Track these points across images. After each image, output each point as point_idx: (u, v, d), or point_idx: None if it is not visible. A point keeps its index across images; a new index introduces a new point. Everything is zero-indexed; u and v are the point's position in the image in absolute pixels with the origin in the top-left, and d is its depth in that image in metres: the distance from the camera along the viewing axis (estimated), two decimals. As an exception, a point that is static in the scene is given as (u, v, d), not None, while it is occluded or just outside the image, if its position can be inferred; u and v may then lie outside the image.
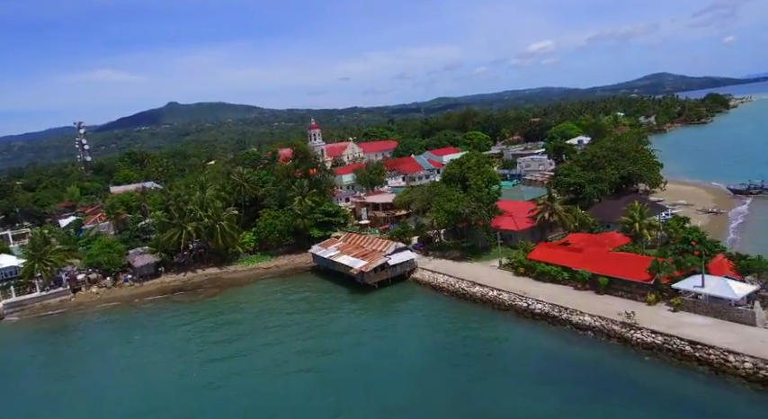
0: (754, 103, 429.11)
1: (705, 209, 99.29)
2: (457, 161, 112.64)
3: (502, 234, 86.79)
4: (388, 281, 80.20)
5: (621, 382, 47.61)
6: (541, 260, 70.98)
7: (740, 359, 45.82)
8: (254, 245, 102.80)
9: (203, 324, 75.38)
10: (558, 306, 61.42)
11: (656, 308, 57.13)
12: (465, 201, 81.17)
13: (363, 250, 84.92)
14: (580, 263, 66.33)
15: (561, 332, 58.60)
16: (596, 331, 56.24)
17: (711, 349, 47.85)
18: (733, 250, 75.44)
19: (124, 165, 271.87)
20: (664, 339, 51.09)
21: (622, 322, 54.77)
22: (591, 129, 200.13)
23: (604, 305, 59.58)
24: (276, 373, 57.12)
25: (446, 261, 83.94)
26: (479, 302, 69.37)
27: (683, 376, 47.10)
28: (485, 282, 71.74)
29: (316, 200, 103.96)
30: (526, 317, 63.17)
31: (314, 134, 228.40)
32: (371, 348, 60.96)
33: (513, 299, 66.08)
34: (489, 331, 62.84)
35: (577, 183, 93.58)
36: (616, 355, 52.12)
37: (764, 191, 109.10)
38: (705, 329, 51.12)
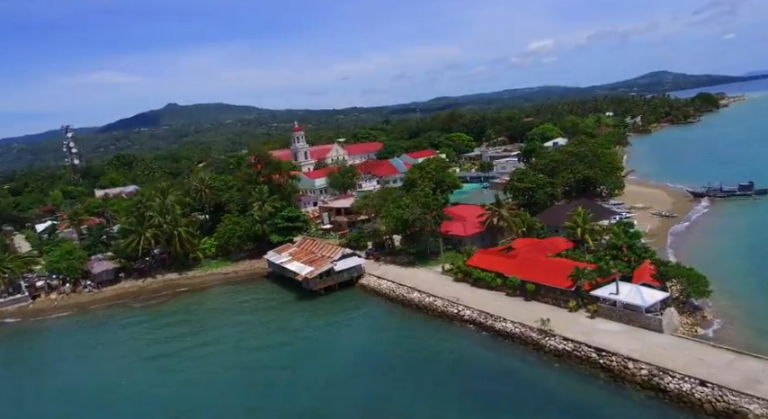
0: (746, 102, 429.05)
1: (659, 212, 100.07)
2: (418, 166, 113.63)
3: (451, 239, 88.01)
4: (335, 287, 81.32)
5: (525, 390, 48.53)
6: (478, 266, 72.00)
7: (638, 366, 46.81)
8: (214, 250, 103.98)
9: (150, 329, 77.11)
10: (484, 312, 62.45)
11: (576, 315, 58.13)
12: (410, 208, 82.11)
13: (313, 256, 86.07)
14: (511, 270, 67.34)
15: (485, 338, 59.67)
16: (516, 338, 57.28)
17: (614, 356, 48.85)
18: (668, 255, 76.92)
19: (112, 169, 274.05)
20: (574, 346, 52.11)
21: (539, 329, 55.80)
22: (568, 131, 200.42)
23: (528, 311, 60.59)
24: (205, 375, 59.34)
25: (394, 266, 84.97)
26: (416, 308, 70.48)
27: (586, 383, 48.10)
28: (423, 289, 72.80)
29: (276, 205, 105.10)
30: (456, 324, 64.22)
31: (297, 136, 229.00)
32: (301, 353, 62.38)
33: (445, 306, 67.14)
34: (418, 338, 63.83)
35: (529, 188, 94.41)
36: (528, 363, 53.15)
37: (722, 194, 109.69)
38: (615, 336, 52.10)
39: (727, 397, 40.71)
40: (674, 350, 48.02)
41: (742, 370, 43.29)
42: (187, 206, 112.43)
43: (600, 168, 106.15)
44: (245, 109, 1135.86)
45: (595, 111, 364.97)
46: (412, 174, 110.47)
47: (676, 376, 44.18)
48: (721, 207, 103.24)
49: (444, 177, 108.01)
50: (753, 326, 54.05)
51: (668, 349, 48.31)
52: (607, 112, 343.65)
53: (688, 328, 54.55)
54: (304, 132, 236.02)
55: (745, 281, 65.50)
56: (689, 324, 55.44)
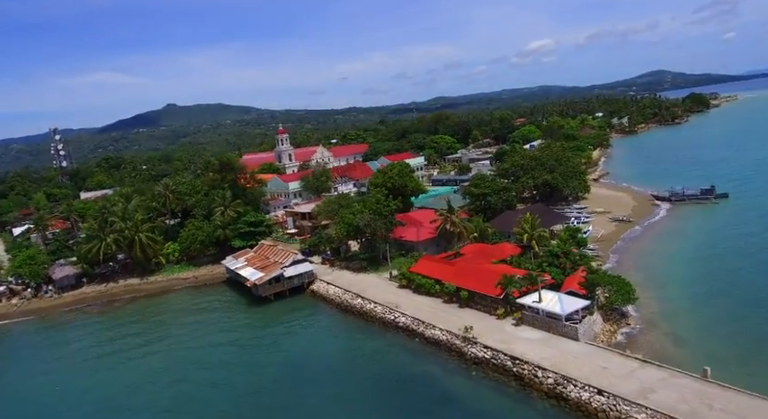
0: (738, 102, 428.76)
1: (616, 216, 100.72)
2: (380, 170, 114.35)
3: (405, 244, 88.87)
4: (286, 293, 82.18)
5: (434, 397, 49.27)
6: (420, 273, 72.81)
7: (546, 374, 47.57)
8: (178, 255, 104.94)
9: (101, 333, 78.54)
10: (417, 319, 63.22)
11: (502, 323, 58.91)
12: (362, 214, 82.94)
13: (267, 262, 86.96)
14: (448, 277, 68.13)
15: (415, 345, 60.40)
16: (442, 345, 58.05)
17: (526, 364, 49.62)
18: (611, 261, 77.72)
19: (101, 171, 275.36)
20: (492, 354, 52.88)
21: (463, 336, 56.60)
22: (546, 133, 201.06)
23: (459, 319, 61.30)
24: (139, 378, 61.26)
25: (347, 272, 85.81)
26: (358, 315, 71.29)
27: (497, 391, 48.85)
28: (367, 295, 73.59)
29: (239, 210, 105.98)
30: (392, 330, 65.04)
31: (282, 139, 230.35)
32: (231, 360, 63.28)
33: (384, 312, 67.96)
34: (352, 344, 64.81)
35: (484, 194, 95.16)
36: (448, 370, 53.91)
37: (685, 197, 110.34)
38: (532, 344, 52.88)
39: (619, 407, 41.47)
40: (584, 358, 48.78)
41: (641, 379, 44.04)
42: (154, 211, 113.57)
43: (560, 173, 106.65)
44: (245, 109, 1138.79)
45: (587, 111, 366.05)
46: (375, 179, 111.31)
47: (578, 384, 44.94)
48: (680, 211, 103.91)
49: (407, 182, 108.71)
50: (672, 334, 54.91)
51: (579, 357, 49.07)
52: (597, 113, 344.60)
53: (609, 335, 55.37)
54: (287, 135, 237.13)
55: (678, 287, 66.38)
56: (611, 331, 56.24)
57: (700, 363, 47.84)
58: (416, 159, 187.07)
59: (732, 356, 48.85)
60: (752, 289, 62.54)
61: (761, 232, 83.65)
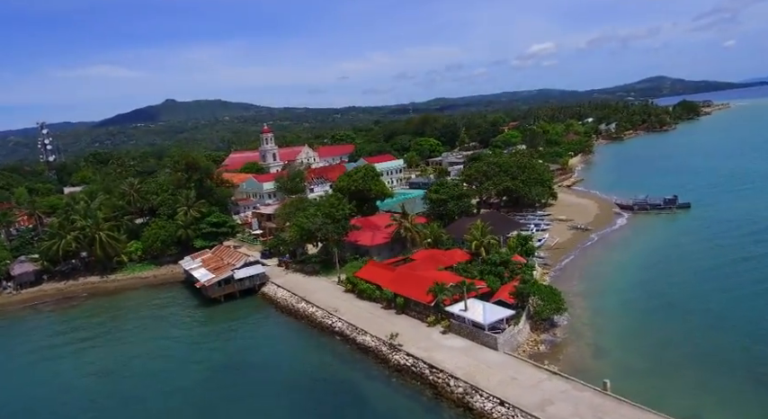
0: (731, 110, 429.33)
1: (576, 224, 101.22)
2: (347, 173, 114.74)
3: (359, 248, 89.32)
4: (236, 295, 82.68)
5: (351, 403, 49.81)
6: (363, 278, 73.31)
7: (457, 383, 48.07)
8: (140, 254, 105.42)
9: (49, 331, 79.09)
10: (352, 325, 63.73)
11: (431, 330, 59.41)
12: (312, 218, 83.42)
13: (220, 263, 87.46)
14: (388, 283, 68.62)
15: (346, 351, 60.89)
16: (370, 351, 58.53)
17: (441, 373, 50.11)
18: (556, 272, 78.23)
19: (88, 166, 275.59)
20: (413, 362, 53.36)
21: (389, 343, 57.08)
22: (526, 138, 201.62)
23: (392, 325, 61.73)
24: (67, 376, 62.34)
25: (299, 275, 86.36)
26: (301, 318, 71.80)
27: (411, 399, 49.29)
28: (311, 299, 74.09)
29: (203, 210, 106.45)
30: (328, 335, 65.50)
31: (266, 138, 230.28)
32: (169, 358, 64.23)
33: (323, 317, 68.45)
34: (286, 347, 65.31)
35: (442, 200, 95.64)
36: (370, 377, 54.33)
37: (648, 206, 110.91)
38: (453, 352, 53.39)
39: (517, 418, 41.99)
40: (498, 368, 49.29)
41: (545, 391, 44.55)
42: (121, 209, 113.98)
43: (522, 180, 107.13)
44: (244, 106, 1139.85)
45: (578, 116, 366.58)
46: (340, 182, 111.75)
47: (483, 394, 45.45)
48: (640, 220, 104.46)
49: (371, 185, 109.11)
50: (594, 344, 55.41)
51: (493, 367, 49.60)
52: (588, 118, 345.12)
53: (533, 345, 55.85)
54: (272, 134, 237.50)
55: (615, 298, 66.88)
56: (535, 341, 56.72)
57: (613, 375, 48.42)
58: (396, 162, 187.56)
59: (645, 369, 49.38)
60: (685, 304, 62.96)
61: (712, 244, 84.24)
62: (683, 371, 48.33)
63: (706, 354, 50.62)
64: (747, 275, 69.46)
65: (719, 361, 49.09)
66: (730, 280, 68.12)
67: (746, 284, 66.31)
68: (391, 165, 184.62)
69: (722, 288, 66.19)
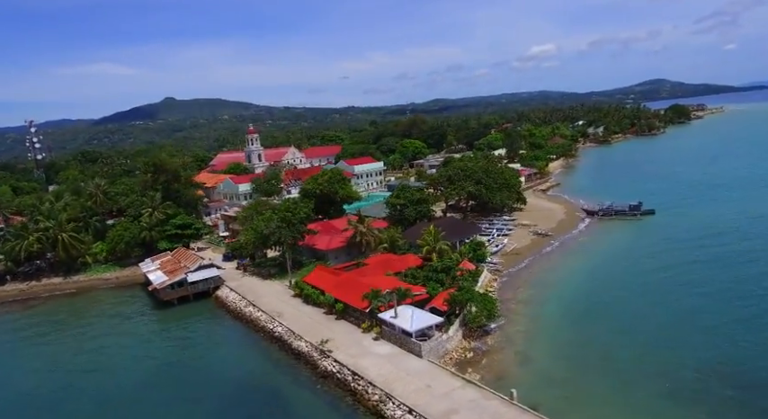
0: (724, 114, 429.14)
1: (537, 230, 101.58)
2: (313, 177, 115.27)
3: (317, 252, 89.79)
4: (190, 298, 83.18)
5: (272, 409, 50.30)
6: (310, 282, 73.80)
7: (375, 391, 48.46)
8: (105, 255, 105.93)
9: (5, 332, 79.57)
10: (290, 330, 64.17)
11: (363, 337, 59.81)
12: (267, 222, 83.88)
13: (177, 266, 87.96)
14: (331, 288, 69.10)
15: (282, 356, 61.27)
16: (303, 357, 58.94)
17: (362, 380, 50.50)
18: (506, 277, 78.61)
19: (76, 165, 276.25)
20: (339, 368, 53.76)
21: (320, 349, 57.54)
22: (508, 141, 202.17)
23: (329, 331, 62.21)
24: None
25: (255, 279, 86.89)
26: (248, 322, 72.18)
27: (331, 406, 49.57)
28: (259, 303, 74.50)
29: (168, 212, 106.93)
30: (268, 340, 65.93)
31: (252, 139, 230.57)
32: (106, 360, 64.96)
33: (266, 321, 68.89)
34: (227, 351, 65.64)
35: (400, 204, 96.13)
36: (298, 383, 54.62)
37: (613, 212, 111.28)
38: (378, 359, 53.80)
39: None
40: (417, 376, 49.69)
41: (454, 400, 44.94)
42: (89, 210, 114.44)
43: (486, 185, 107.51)
44: (243, 105, 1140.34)
45: (571, 119, 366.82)
46: (306, 185, 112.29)
47: (395, 402, 45.85)
48: (601, 226, 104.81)
49: (337, 189, 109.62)
50: (522, 353, 55.70)
51: (412, 374, 50.00)
52: (579, 121, 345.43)
53: (461, 353, 56.25)
54: (257, 135, 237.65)
55: (556, 306, 67.16)
56: (465, 348, 57.11)
57: (531, 384, 49.20)
58: (376, 164, 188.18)
59: (563, 378, 49.70)
60: (624, 314, 63.02)
61: (663, 251, 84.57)
62: (599, 383, 48.62)
63: (626, 367, 50.63)
64: (687, 287, 69.58)
65: (639, 374, 49.00)
66: (671, 293, 67.93)
67: (684, 297, 66.47)
68: (371, 168, 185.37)
69: (660, 299, 66.39)
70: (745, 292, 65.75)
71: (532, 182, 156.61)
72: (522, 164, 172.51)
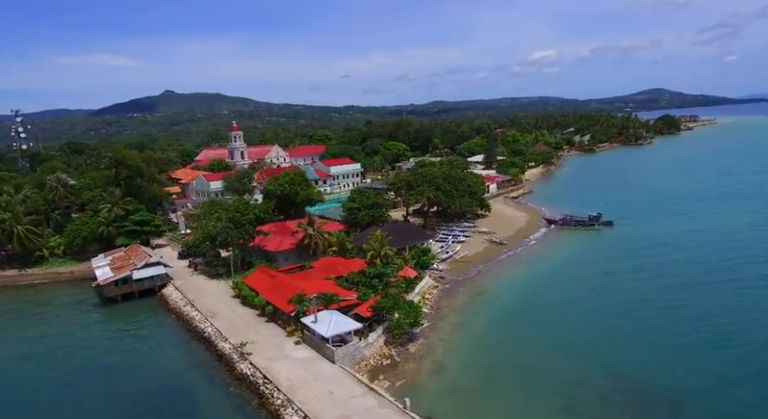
0: (715, 127, 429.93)
1: (491, 238, 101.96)
2: (274, 178, 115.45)
3: (267, 253, 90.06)
4: (136, 295, 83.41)
5: (179, 411, 50.64)
6: (248, 284, 74.09)
7: (279, 396, 48.78)
8: (63, 249, 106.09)
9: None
10: (219, 331, 64.49)
11: (285, 340, 60.15)
12: (215, 222, 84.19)
13: (126, 262, 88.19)
14: (265, 290, 69.42)
15: (206, 357, 61.63)
16: (224, 359, 59.21)
17: (270, 384, 50.89)
18: (449, 285, 78.95)
19: (62, 156, 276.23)
20: (252, 371, 54.07)
21: (240, 351, 57.87)
22: (486, 147, 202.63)
23: (256, 333, 62.58)
24: None
25: (203, 278, 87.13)
26: (184, 322, 72.40)
27: (238, 409, 49.91)
28: (199, 303, 74.75)
29: (128, 208, 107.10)
30: (198, 340, 66.21)
31: (235, 136, 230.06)
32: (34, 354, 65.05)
33: (199, 321, 69.13)
34: (153, 351, 65.41)
35: (354, 208, 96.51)
36: (214, 385, 54.89)
37: (573, 222, 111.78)
38: (294, 364, 54.17)
39: (312, 432, 42.78)
40: (323, 381, 50.05)
41: (350, 407, 45.30)
42: (51, 203, 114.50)
43: (445, 191, 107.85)
44: (243, 101, 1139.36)
45: (562, 126, 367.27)
46: (268, 186, 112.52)
47: (294, 407, 46.20)
48: (558, 236, 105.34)
49: (298, 190, 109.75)
50: (439, 362, 56.12)
51: (319, 380, 50.37)
52: (570, 128, 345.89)
53: (378, 359, 56.60)
54: (241, 132, 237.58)
55: (487, 316, 67.82)
56: (383, 355, 57.44)
57: (438, 392, 49.85)
58: (353, 165, 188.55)
59: (471, 388, 50.27)
60: (550, 325, 63.60)
61: (610, 263, 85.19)
62: (503, 395, 49.08)
63: (535, 379, 51.01)
64: (616, 298, 70.41)
65: (544, 387, 49.42)
66: (601, 305, 68.54)
67: (612, 308, 67.07)
68: (348, 169, 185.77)
69: (589, 311, 67.11)
70: (669, 304, 67.53)
71: (504, 188, 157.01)
72: (498, 170, 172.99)
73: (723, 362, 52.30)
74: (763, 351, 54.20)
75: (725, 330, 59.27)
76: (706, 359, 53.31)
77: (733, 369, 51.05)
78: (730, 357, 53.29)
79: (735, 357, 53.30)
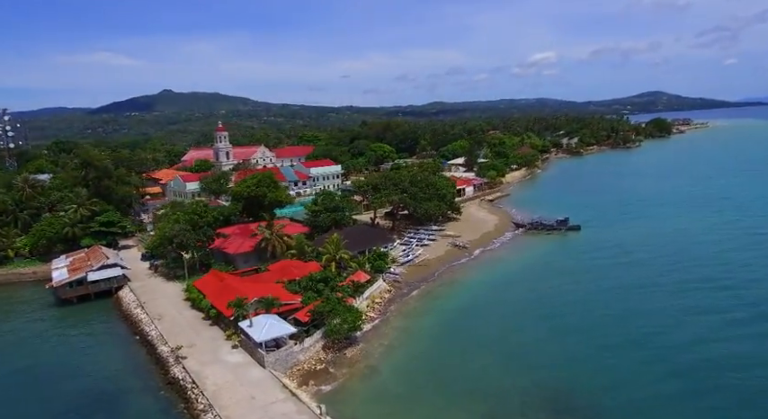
0: (707, 130, 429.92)
1: (454, 242, 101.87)
2: (243, 180, 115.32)
3: (227, 256, 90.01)
4: (92, 297, 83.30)
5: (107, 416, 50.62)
6: (197, 287, 74.05)
7: (202, 401, 48.78)
8: (29, 249, 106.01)
9: None
10: (161, 334, 64.44)
11: (224, 344, 60.13)
12: (170, 224, 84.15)
13: (83, 264, 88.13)
14: (212, 293, 69.39)
15: (146, 361, 61.43)
16: (161, 362, 59.00)
17: (197, 389, 50.86)
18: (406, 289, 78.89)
19: (50, 155, 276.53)
20: (183, 375, 54.07)
21: (176, 355, 57.84)
22: (468, 149, 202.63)
23: (197, 336, 62.67)
24: None
25: (161, 279, 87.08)
26: (131, 324, 72.28)
27: (164, 414, 49.85)
28: (149, 305, 74.64)
29: (95, 209, 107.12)
30: (140, 342, 66.13)
31: (220, 136, 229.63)
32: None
33: (145, 323, 69.06)
34: (98, 355, 64.75)
35: (316, 211, 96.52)
36: (147, 388, 54.51)
37: (541, 226, 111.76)
38: (225, 368, 54.21)
39: (224, 439, 42.72)
40: (249, 386, 50.04)
41: (268, 413, 45.35)
42: (20, 203, 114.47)
43: (411, 195, 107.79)
44: (241, 100, 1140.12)
45: (553, 128, 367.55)
46: (236, 188, 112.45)
47: (214, 413, 46.20)
48: (524, 240, 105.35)
49: (266, 193, 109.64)
50: (374, 366, 56.17)
51: (246, 385, 50.36)
52: (561, 131, 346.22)
53: (312, 364, 56.53)
54: (227, 133, 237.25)
55: (434, 319, 68.00)
56: (319, 360, 57.36)
57: (364, 397, 49.84)
58: (334, 167, 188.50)
59: (397, 395, 50.30)
60: (492, 330, 63.76)
61: (569, 269, 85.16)
62: (428, 401, 48.98)
63: (463, 386, 51.04)
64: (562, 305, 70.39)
65: (471, 393, 49.51)
66: (548, 311, 68.61)
67: (556, 314, 67.19)
68: (328, 170, 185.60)
69: (534, 316, 67.13)
70: (606, 305, 69.12)
71: (482, 191, 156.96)
72: (478, 173, 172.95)
73: (643, 362, 53.78)
74: (680, 350, 56.02)
75: (649, 332, 60.86)
76: (628, 358, 55.00)
77: (651, 367, 52.65)
78: (650, 357, 54.80)
79: (654, 357, 54.85)
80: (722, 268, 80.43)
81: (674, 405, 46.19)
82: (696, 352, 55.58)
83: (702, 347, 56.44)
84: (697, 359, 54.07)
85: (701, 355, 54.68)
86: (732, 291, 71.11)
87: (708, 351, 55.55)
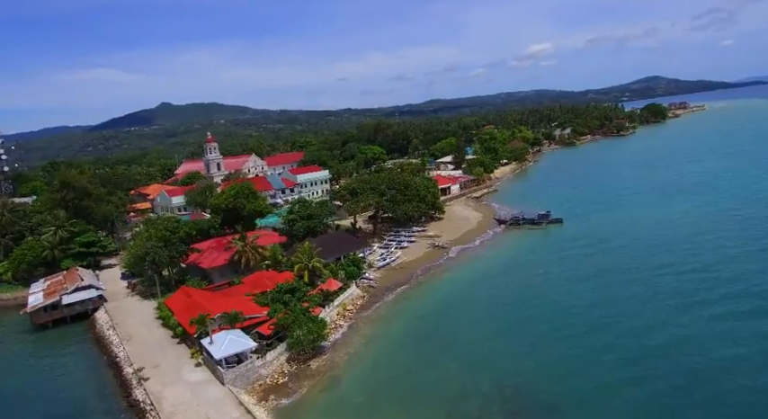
0: (703, 113, 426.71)
1: (434, 242, 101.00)
2: (223, 191, 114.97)
3: (203, 271, 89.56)
4: (68, 320, 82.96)
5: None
6: (167, 304, 73.59)
7: (154, 414, 48.31)
8: (10, 274, 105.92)
9: None
10: (128, 355, 63.97)
11: (189, 363, 59.55)
12: (142, 242, 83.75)
13: (59, 287, 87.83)
14: (180, 310, 68.89)
15: (112, 383, 60.90)
16: (125, 384, 58.54)
17: (154, 410, 50.32)
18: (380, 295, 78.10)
19: (45, 176, 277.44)
20: (143, 398, 53.54)
21: (139, 377, 57.34)
22: (456, 147, 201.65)
23: (162, 356, 62.18)
24: None
25: (137, 298, 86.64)
26: (103, 346, 71.79)
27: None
28: (121, 326, 74.23)
29: (74, 230, 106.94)
30: (108, 365, 65.60)
31: (210, 147, 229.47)
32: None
33: (115, 345, 68.62)
34: (65, 380, 64.13)
35: (292, 220, 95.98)
36: (109, 413, 54.15)
37: (523, 221, 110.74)
38: (186, 387, 53.67)
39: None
40: (206, 405, 49.50)
41: (222, 432, 44.77)
42: (2, 228, 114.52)
43: (389, 198, 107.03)
44: (240, 109, 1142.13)
45: (548, 120, 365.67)
46: (214, 200, 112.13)
47: (165, 435, 45.67)
48: (504, 237, 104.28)
49: (245, 203, 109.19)
50: (336, 377, 55.53)
51: (202, 404, 49.82)
52: (555, 122, 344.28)
53: (275, 378, 55.92)
54: (216, 143, 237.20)
55: (403, 325, 67.15)
56: (281, 373, 56.74)
57: (324, 411, 49.52)
58: (321, 173, 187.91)
59: (357, 405, 49.74)
60: (459, 332, 62.95)
61: (548, 266, 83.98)
62: (387, 410, 48.37)
63: (424, 391, 50.42)
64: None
65: (431, 399, 48.89)
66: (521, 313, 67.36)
67: (530, 314, 66.17)
68: (316, 176, 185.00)
69: (505, 318, 66.10)
70: (571, 298, 69.03)
71: (468, 188, 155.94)
72: (466, 171, 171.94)
73: (598, 352, 54.32)
74: (636, 336, 56.73)
75: (612, 321, 61.31)
76: (588, 348, 55.38)
77: (605, 355, 53.33)
78: (608, 346, 55.33)
79: (613, 345, 55.31)
80: (695, 252, 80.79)
81: (629, 390, 46.63)
82: (652, 337, 56.02)
83: (661, 332, 56.91)
84: (653, 345, 54.39)
85: (657, 340, 55.12)
86: (700, 274, 71.86)
87: (665, 335, 56.24)
